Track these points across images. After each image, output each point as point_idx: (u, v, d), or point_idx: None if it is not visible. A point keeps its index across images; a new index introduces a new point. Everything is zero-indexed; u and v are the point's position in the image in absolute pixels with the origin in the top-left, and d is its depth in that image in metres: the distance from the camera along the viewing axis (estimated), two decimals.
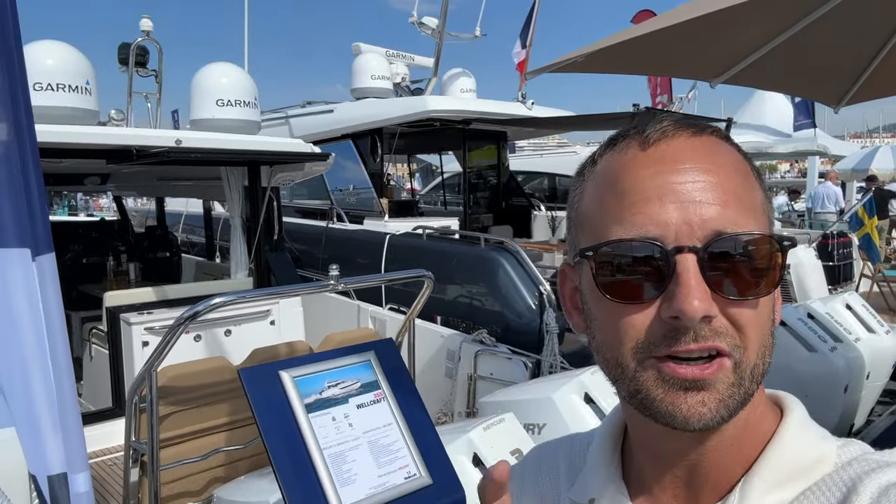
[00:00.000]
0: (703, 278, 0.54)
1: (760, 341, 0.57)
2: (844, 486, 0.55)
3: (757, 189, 0.60)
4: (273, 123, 7.99)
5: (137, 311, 4.57)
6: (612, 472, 0.67)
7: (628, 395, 0.58)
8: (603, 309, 0.59)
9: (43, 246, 1.14)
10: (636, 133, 0.61)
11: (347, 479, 1.13)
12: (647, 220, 0.55)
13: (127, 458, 3.01)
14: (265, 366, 1.15)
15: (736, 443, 0.59)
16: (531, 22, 9.31)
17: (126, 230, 7.71)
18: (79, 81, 4.17)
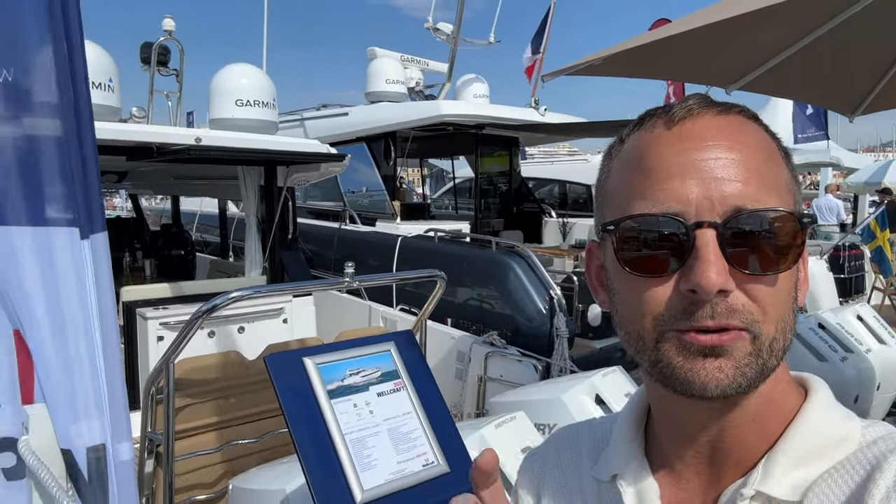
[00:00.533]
0: (721, 253, 0.55)
1: (779, 316, 0.57)
2: (869, 465, 0.55)
3: (782, 167, 0.61)
4: (288, 125, 8.08)
5: (153, 306, 4.64)
6: (635, 450, 0.68)
7: (650, 365, 0.59)
8: (625, 283, 0.60)
9: (97, 225, 1.19)
10: (663, 112, 0.62)
11: (368, 464, 1.16)
12: (669, 196, 0.56)
13: (143, 449, 3.05)
14: (289, 352, 1.18)
15: (759, 419, 0.60)
16: (545, 28, 9.35)
17: (142, 228, 7.81)
18: (102, 79, 4.25)
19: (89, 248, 1.19)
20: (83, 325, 1.14)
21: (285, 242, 5.38)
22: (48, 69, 1.21)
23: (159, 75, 5.13)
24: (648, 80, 4.01)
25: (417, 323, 3.49)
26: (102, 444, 1.14)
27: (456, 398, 4.66)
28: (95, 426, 1.14)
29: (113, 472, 1.16)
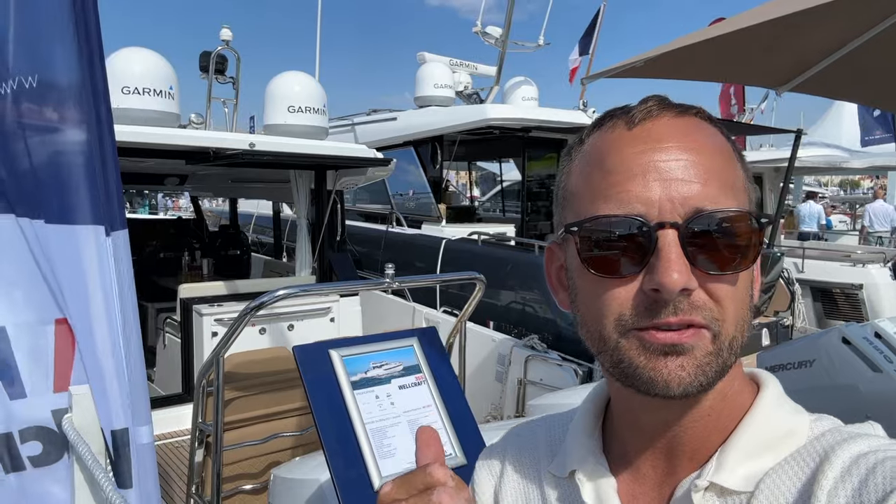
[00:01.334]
0: (683, 253, 0.55)
1: (738, 315, 0.58)
2: (818, 456, 0.57)
3: (738, 169, 0.61)
4: (339, 130, 8.27)
5: (209, 303, 4.84)
6: (593, 445, 0.69)
7: (611, 365, 0.60)
8: (587, 283, 0.61)
9: (117, 223, 1.28)
10: (622, 113, 0.62)
11: (387, 452, 1.22)
12: (631, 197, 0.57)
13: (193, 439, 3.18)
14: (317, 344, 1.25)
15: (714, 414, 0.61)
16: (594, 30, 9.25)
17: (201, 228, 8.14)
18: (163, 86, 4.49)
19: (112, 244, 1.28)
20: (106, 315, 1.23)
21: (334, 244, 5.53)
22: (71, 77, 1.29)
23: (217, 83, 5.37)
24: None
25: (457, 324, 3.55)
26: (126, 427, 1.22)
27: (496, 400, 4.68)
28: (120, 410, 1.23)
29: (135, 454, 1.24)
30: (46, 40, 1.31)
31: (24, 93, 1.33)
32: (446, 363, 1.40)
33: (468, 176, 11.83)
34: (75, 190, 1.30)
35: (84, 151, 1.30)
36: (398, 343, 1.38)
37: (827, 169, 11.04)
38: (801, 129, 5.31)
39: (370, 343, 1.36)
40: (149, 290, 6.37)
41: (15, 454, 1.28)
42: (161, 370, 5.48)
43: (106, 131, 1.33)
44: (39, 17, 1.30)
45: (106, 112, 1.34)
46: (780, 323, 6.02)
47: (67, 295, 1.24)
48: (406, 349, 1.39)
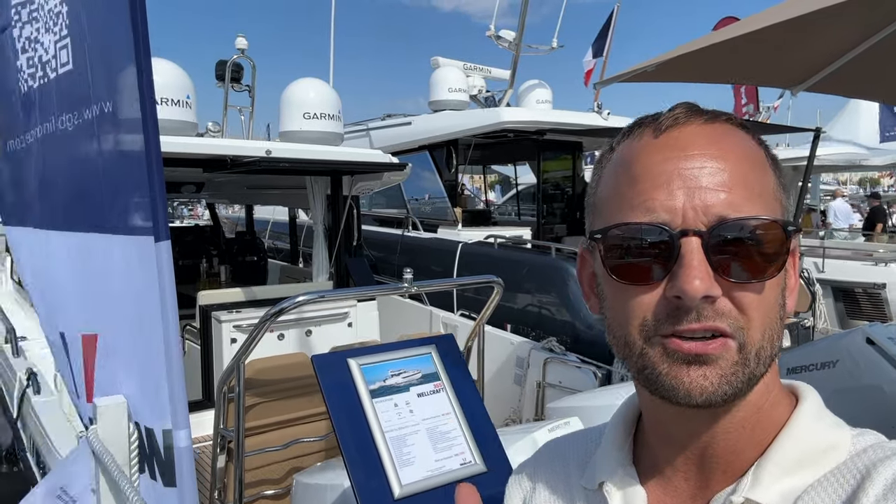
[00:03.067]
0: (706, 260, 0.55)
1: (765, 324, 0.57)
2: (858, 473, 0.55)
3: (768, 175, 0.61)
4: (355, 136, 8.32)
5: (227, 309, 4.89)
6: (623, 457, 0.68)
7: (636, 371, 0.60)
8: (612, 290, 0.61)
9: (162, 234, 1.34)
10: (651, 120, 0.62)
11: (407, 460, 1.23)
12: (655, 205, 0.57)
13: (215, 445, 3.22)
14: (335, 353, 1.27)
15: (748, 426, 0.60)
16: (608, 32, 9.22)
17: (218, 235, 8.22)
18: (180, 96, 4.55)
19: (157, 253, 1.33)
20: (151, 322, 1.28)
21: (350, 249, 5.56)
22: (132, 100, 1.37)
23: (233, 91, 5.43)
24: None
25: (475, 328, 3.55)
26: (171, 429, 1.27)
27: (514, 403, 4.67)
28: (166, 413, 1.27)
29: (176, 456, 1.29)
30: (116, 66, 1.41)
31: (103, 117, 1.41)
32: (464, 370, 1.41)
33: (483, 180, 11.83)
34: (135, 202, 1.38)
35: (140, 165, 1.37)
36: (416, 351, 1.39)
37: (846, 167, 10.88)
38: (819, 128, 5.25)
39: (388, 351, 1.38)
40: None
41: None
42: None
43: (153, 145, 1.39)
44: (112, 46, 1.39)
45: (153, 125, 1.40)
46: (800, 324, 5.93)
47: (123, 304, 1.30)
48: (424, 357, 1.40)
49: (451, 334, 1.44)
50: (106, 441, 1.18)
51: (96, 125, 1.40)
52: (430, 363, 1.40)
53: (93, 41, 1.43)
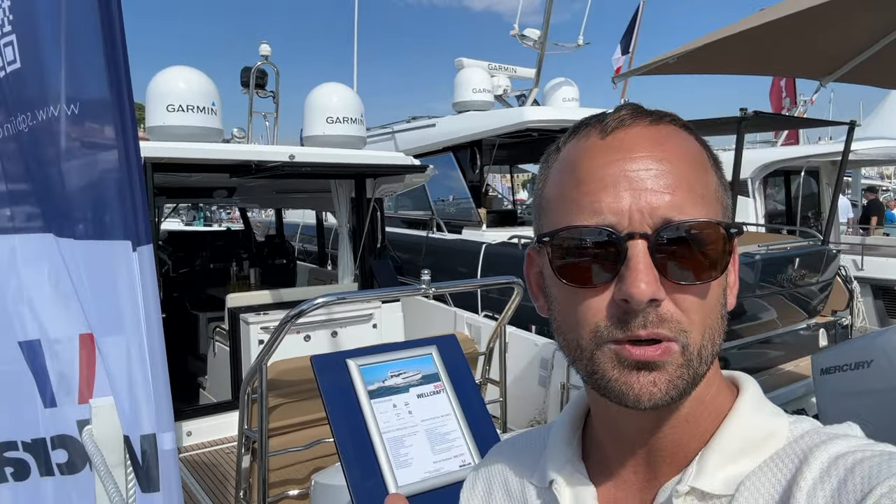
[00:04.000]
0: (652, 263, 0.56)
1: (706, 324, 0.59)
2: (797, 458, 0.57)
3: (711, 177, 0.62)
4: (380, 138, 8.38)
5: (255, 311, 4.97)
6: (571, 454, 0.70)
7: (586, 375, 0.61)
8: (561, 292, 0.62)
9: (143, 238, 1.35)
10: (597, 121, 0.63)
11: (404, 462, 1.23)
12: (602, 207, 0.58)
13: (240, 445, 3.27)
14: (334, 354, 1.27)
15: (692, 419, 0.61)
16: (634, 28, 9.09)
17: (249, 239, 8.37)
18: (206, 103, 4.64)
19: (138, 258, 1.35)
20: (134, 327, 1.30)
21: (374, 251, 5.59)
22: (103, 99, 1.37)
23: (257, 97, 5.52)
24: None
25: (497, 329, 3.53)
26: (153, 433, 1.28)
27: (539, 405, 4.63)
28: (145, 417, 1.28)
29: (160, 461, 1.30)
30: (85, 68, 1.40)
31: (65, 119, 1.41)
32: (466, 371, 1.40)
33: (511, 179, 11.78)
34: (107, 207, 1.38)
35: (114, 169, 1.38)
36: (417, 351, 1.38)
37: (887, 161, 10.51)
38: (854, 121, 5.07)
39: (389, 352, 1.37)
40: (200, 300, 6.58)
41: (47, 459, 1.36)
42: (212, 378, 5.65)
43: (132, 148, 1.40)
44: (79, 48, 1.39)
45: (132, 130, 1.41)
46: (838, 323, 5.75)
47: (97, 308, 1.31)
48: (425, 357, 1.40)
49: (454, 334, 1.44)
50: (100, 442, 1.21)
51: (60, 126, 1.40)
52: (430, 364, 1.39)
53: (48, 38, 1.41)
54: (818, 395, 3.88)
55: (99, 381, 1.31)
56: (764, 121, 5.76)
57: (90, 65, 1.36)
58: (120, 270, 1.31)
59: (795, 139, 11.31)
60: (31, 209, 1.50)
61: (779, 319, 5.29)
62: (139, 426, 1.27)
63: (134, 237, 1.32)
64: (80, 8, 1.37)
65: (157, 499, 1.27)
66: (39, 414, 1.35)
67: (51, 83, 1.43)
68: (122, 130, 1.33)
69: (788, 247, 5.45)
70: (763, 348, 5.31)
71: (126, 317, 1.29)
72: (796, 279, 5.13)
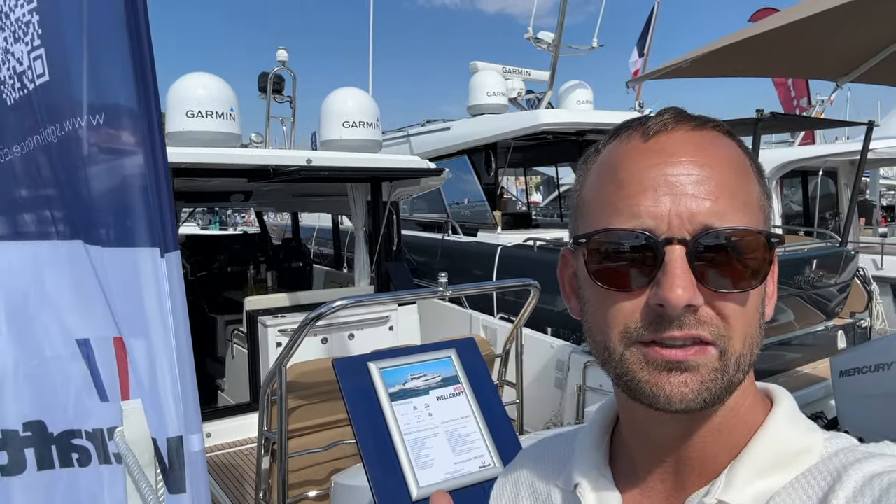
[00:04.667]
0: (689, 269, 0.55)
1: (746, 332, 0.58)
2: (830, 476, 0.56)
3: (753, 184, 0.61)
4: (396, 142, 8.43)
5: (273, 314, 5.03)
6: (598, 459, 0.69)
7: (615, 377, 0.60)
8: (594, 294, 0.61)
9: (171, 245, 1.38)
10: (639, 124, 0.62)
11: (425, 463, 1.25)
12: (641, 211, 0.57)
13: (259, 447, 3.31)
14: (356, 357, 1.30)
15: (724, 430, 0.60)
16: (649, 30, 9.06)
17: (265, 242, 8.45)
18: (224, 108, 4.71)
19: (166, 265, 1.38)
20: (163, 332, 1.33)
21: (390, 253, 5.64)
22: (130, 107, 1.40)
23: (275, 102, 5.58)
24: None
25: (513, 331, 3.56)
26: (180, 435, 1.31)
27: (555, 407, 4.64)
28: (174, 419, 1.32)
29: (188, 461, 1.33)
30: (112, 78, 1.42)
31: (91, 129, 1.45)
32: (485, 373, 1.42)
33: (525, 182, 11.77)
34: (133, 214, 1.41)
35: (141, 176, 1.41)
36: (436, 354, 1.41)
37: None
38: (872, 122, 5.02)
39: (409, 355, 1.40)
40: (218, 303, 6.66)
41: (106, 449, 1.41)
42: (230, 380, 5.72)
43: (160, 156, 1.43)
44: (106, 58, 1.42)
45: (159, 137, 1.44)
46: (857, 324, 5.69)
47: (126, 313, 1.35)
48: (444, 360, 1.42)
49: (472, 338, 1.46)
50: (131, 443, 1.25)
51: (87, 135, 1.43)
52: (449, 367, 1.42)
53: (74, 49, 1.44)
54: (837, 398, 3.85)
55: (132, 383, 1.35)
56: (780, 122, 5.73)
57: (117, 73, 1.39)
58: (148, 277, 1.35)
59: (812, 139, 11.20)
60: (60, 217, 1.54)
61: (797, 321, 5.25)
62: (165, 429, 1.31)
63: (162, 244, 1.35)
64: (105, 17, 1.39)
65: (185, 500, 1.31)
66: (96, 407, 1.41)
67: (77, 94, 1.46)
68: (150, 138, 1.37)
69: (806, 248, 5.41)
70: (781, 350, 5.27)
71: (154, 321, 1.32)
72: (814, 281, 5.09)
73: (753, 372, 0.62)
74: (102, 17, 1.40)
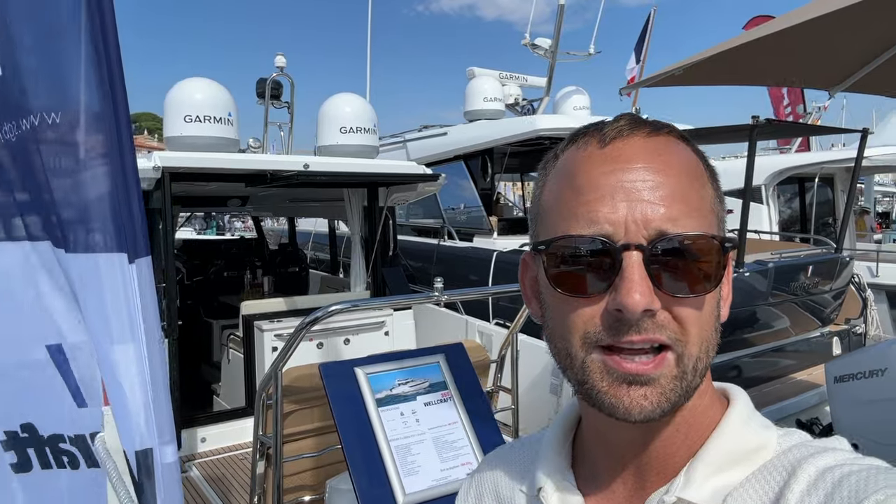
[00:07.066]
0: (646, 274, 0.56)
1: (702, 336, 0.59)
2: (785, 471, 0.57)
3: (707, 189, 0.62)
4: (392, 147, 8.44)
5: (269, 319, 5.03)
6: (560, 462, 0.70)
7: (576, 384, 0.61)
8: (554, 300, 0.62)
9: (141, 250, 1.34)
10: (596, 130, 0.63)
11: (412, 469, 1.26)
12: (599, 217, 0.58)
13: (255, 451, 3.30)
14: (343, 362, 1.31)
15: (682, 430, 0.62)
16: (645, 36, 9.10)
17: (262, 247, 8.45)
18: (222, 113, 4.72)
19: (135, 270, 1.34)
20: (133, 340, 1.30)
21: (386, 259, 5.64)
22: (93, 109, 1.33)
23: (273, 108, 5.59)
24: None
25: (508, 336, 3.56)
26: (151, 447, 1.29)
27: (551, 413, 4.64)
28: (143, 431, 1.30)
29: (160, 474, 1.31)
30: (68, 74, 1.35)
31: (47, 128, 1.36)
32: (473, 379, 1.43)
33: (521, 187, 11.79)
34: (96, 218, 1.35)
35: (106, 178, 1.34)
36: (424, 360, 1.42)
37: None
38: (867, 129, 5.05)
39: (397, 360, 1.41)
40: (214, 308, 6.66)
41: (90, 453, 1.39)
42: (226, 385, 5.71)
43: (128, 160, 1.36)
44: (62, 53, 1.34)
45: (128, 140, 1.37)
46: (852, 331, 5.70)
47: (92, 320, 1.32)
48: (432, 366, 1.43)
49: (461, 343, 1.46)
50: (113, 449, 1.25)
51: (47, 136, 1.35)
52: (438, 372, 1.42)
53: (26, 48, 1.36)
54: (832, 404, 3.86)
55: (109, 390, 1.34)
56: (776, 128, 5.75)
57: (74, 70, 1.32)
58: (115, 283, 1.31)
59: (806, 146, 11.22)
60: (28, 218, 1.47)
61: (792, 328, 5.26)
62: (132, 441, 1.28)
63: (130, 249, 1.31)
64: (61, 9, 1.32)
65: None
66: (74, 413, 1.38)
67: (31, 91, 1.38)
68: (118, 136, 1.31)
69: (802, 254, 5.42)
70: (776, 357, 5.28)
71: (122, 329, 1.29)
72: (809, 287, 5.10)
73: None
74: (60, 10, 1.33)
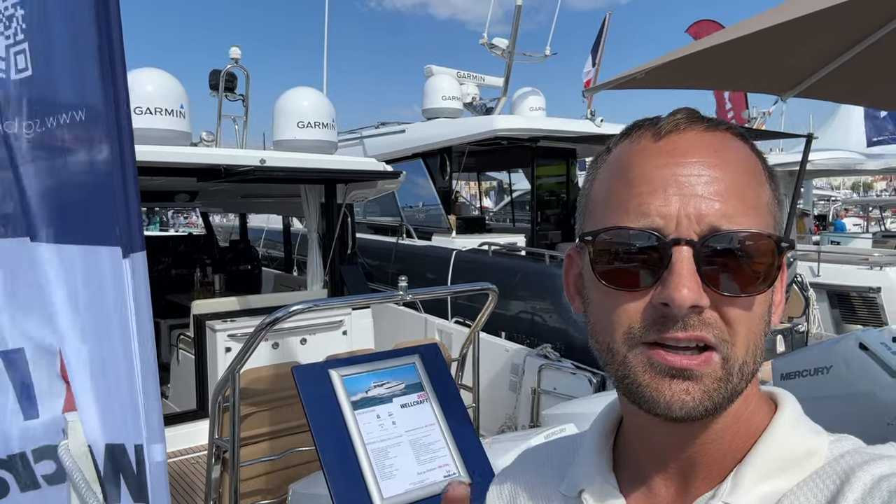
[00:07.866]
0: (696, 270, 0.54)
1: (750, 339, 0.57)
2: (837, 478, 0.55)
3: (764, 188, 0.60)
4: (348, 144, 8.34)
5: (221, 318, 4.89)
6: (602, 464, 0.68)
7: (617, 379, 0.59)
8: (599, 294, 0.60)
9: (137, 245, 1.32)
10: (651, 124, 0.61)
11: (388, 473, 1.22)
12: (649, 210, 0.56)
13: (210, 455, 3.20)
14: (316, 364, 1.26)
15: (728, 435, 0.60)
16: (601, 40, 9.27)
17: (212, 244, 8.22)
18: (174, 105, 4.56)
19: (130, 265, 1.32)
20: (122, 335, 1.27)
21: (344, 257, 5.56)
22: (96, 102, 1.35)
23: (227, 101, 5.44)
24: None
25: (470, 335, 3.55)
26: (141, 444, 1.25)
27: (510, 410, 4.67)
28: (132, 428, 1.26)
29: (149, 472, 1.27)
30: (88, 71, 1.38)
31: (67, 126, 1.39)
32: (449, 380, 1.40)
33: (477, 187, 11.85)
34: (95, 212, 1.35)
35: (105, 174, 1.35)
36: (400, 361, 1.38)
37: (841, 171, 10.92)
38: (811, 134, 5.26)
39: (372, 362, 1.37)
40: (161, 307, 6.44)
41: (29, 473, 1.32)
42: (175, 386, 5.53)
43: (128, 153, 1.37)
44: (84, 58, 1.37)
45: (128, 134, 1.38)
46: (795, 329, 5.94)
47: (83, 316, 1.28)
48: (408, 367, 1.40)
49: (435, 343, 1.44)
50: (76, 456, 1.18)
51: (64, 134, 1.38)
52: (413, 373, 1.39)
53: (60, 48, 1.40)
54: None
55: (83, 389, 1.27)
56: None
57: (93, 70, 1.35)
58: (106, 277, 1.29)
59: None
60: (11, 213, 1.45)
61: None
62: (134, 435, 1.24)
63: (126, 243, 1.29)
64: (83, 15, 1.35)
65: None
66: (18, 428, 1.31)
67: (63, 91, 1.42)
68: (118, 129, 1.31)
69: None
70: None
71: (112, 324, 1.26)
72: None
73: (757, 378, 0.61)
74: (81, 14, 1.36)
